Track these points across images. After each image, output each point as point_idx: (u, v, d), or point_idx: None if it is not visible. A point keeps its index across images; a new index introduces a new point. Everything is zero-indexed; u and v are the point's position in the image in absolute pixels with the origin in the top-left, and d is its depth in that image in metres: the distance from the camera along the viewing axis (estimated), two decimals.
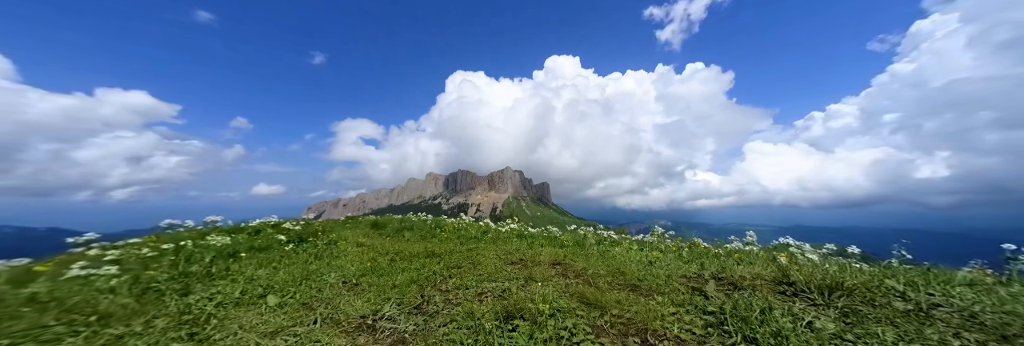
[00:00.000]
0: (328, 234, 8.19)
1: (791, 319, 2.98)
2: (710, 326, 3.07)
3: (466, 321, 3.19)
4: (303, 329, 3.21)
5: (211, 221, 8.38)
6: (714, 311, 3.27)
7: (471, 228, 9.10)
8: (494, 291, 3.99)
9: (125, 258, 5.06)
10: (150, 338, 2.97)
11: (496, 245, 6.93)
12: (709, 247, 7.09)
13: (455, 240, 7.73)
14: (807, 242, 6.28)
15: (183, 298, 3.84)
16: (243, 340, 2.99)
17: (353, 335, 3.18)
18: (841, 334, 2.81)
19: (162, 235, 7.23)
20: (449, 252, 6.02)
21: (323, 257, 5.94)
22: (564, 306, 3.34)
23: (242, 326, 3.23)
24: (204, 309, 3.58)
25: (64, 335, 2.99)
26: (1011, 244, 4.34)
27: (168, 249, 5.55)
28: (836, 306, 3.29)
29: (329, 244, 7.10)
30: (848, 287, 3.54)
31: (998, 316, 3.03)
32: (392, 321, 3.39)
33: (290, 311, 3.61)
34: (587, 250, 6.46)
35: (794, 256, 5.41)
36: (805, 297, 3.56)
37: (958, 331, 2.85)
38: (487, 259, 5.43)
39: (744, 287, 3.92)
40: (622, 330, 3.06)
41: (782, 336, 2.74)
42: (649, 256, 5.94)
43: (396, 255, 5.94)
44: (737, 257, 5.82)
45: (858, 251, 5.75)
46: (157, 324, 3.22)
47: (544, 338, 2.83)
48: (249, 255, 5.86)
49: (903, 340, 2.74)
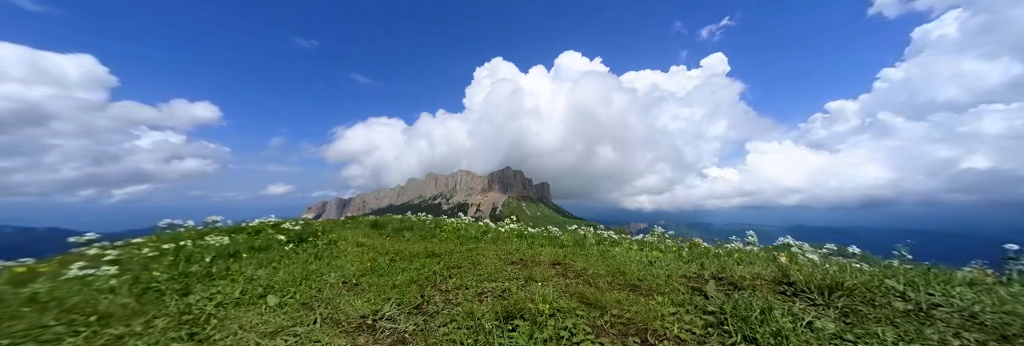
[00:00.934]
0: (328, 234, 8.20)
1: (791, 319, 2.98)
2: (710, 326, 3.07)
3: (466, 321, 3.19)
4: (303, 329, 3.21)
5: (211, 221, 8.39)
6: (714, 311, 3.27)
7: (471, 228, 9.10)
8: (494, 291, 3.99)
9: (125, 258, 5.07)
10: (150, 338, 2.97)
11: (496, 245, 6.93)
12: (709, 247, 7.08)
13: (455, 240, 7.73)
14: (807, 242, 6.28)
15: (183, 298, 3.84)
16: (243, 340, 2.99)
17: (353, 335, 3.18)
18: (841, 334, 2.81)
19: (162, 235, 7.25)
20: (449, 252, 6.02)
21: (323, 257, 5.94)
22: (564, 306, 3.34)
23: (242, 326, 3.24)
24: (204, 309, 3.58)
25: (64, 335, 2.99)
26: (1012, 244, 4.33)
27: (168, 249, 5.55)
28: (836, 306, 3.29)
29: (329, 244, 7.10)
30: (848, 287, 3.54)
31: (998, 316, 3.03)
32: (392, 321, 3.39)
33: (290, 311, 3.61)
34: (587, 250, 6.46)
35: (794, 256, 5.41)
36: (805, 297, 3.56)
37: (958, 331, 2.85)
38: (487, 259, 5.42)
39: (744, 287, 3.92)
40: (622, 330, 3.06)
41: (782, 336, 2.74)
42: (649, 256, 5.94)
43: (396, 255, 5.94)
44: (737, 257, 5.82)
45: (858, 251, 5.75)
46: (157, 324, 3.22)
47: (544, 338, 2.83)
48: (249, 255, 5.86)
49: (903, 340, 2.74)
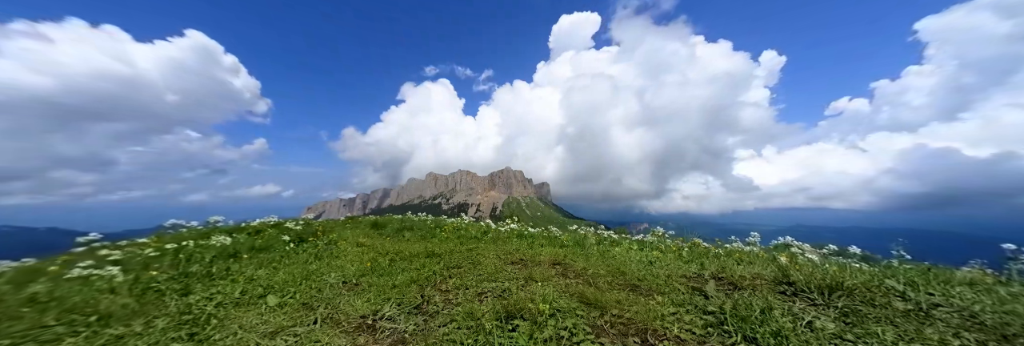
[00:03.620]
0: (328, 234, 8.20)
1: (791, 319, 2.98)
2: (710, 326, 3.07)
3: (466, 321, 3.20)
4: (303, 329, 3.22)
5: (213, 221, 8.40)
6: (714, 311, 3.27)
7: (471, 228, 9.10)
8: (494, 291, 3.99)
9: (126, 258, 5.07)
10: (150, 338, 2.97)
11: (496, 245, 6.93)
12: (709, 247, 7.08)
13: (455, 240, 7.72)
14: (807, 242, 6.28)
15: (183, 298, 3.84)
16: (243, 340, 3.00)
17: (353, 335, 3.18)
18: (841, 334, 2.81)
19: (164, 235, 7.26)
20: (449, 252, 6.02)
21: (323, 257, 5.94)
22: (564, 306, 3.34)
23: (242, 326, 3.24)
24: (204, 309, 3.58)
25: (64, 335, 3.00)
26: (1011, 244, 4.34)
27: (169, 249, 5.56)
28: (836, 306, 3.30)
29: (329, 244, 7.10)
30: (848, 287, 3.54)
31: (998, 316, 3.03)
32: (392, 321, 3.39)
33: (290, 311, 3.61)
34: (587, 250, 6.46)
35: (794, 256, 5.41)
36: (805, 297, 3.56)
37: (958, 331, 2.86)
38: (487, 259, 5.43)
39: (744, 287, 3.93)
40: (622, 330, 3.06)
41: (782, 336, 2.75)
42: (649, 256, 5.94)
43: (396, 255, 5.94)
44: (737, 257, 5.82)
45: (858, 251, 5.75)
46: (157, 324, 3.22)
47: (544, 338, 2.84)
48: (249, 255, 5.86)
49: (903, 340, 2.74)
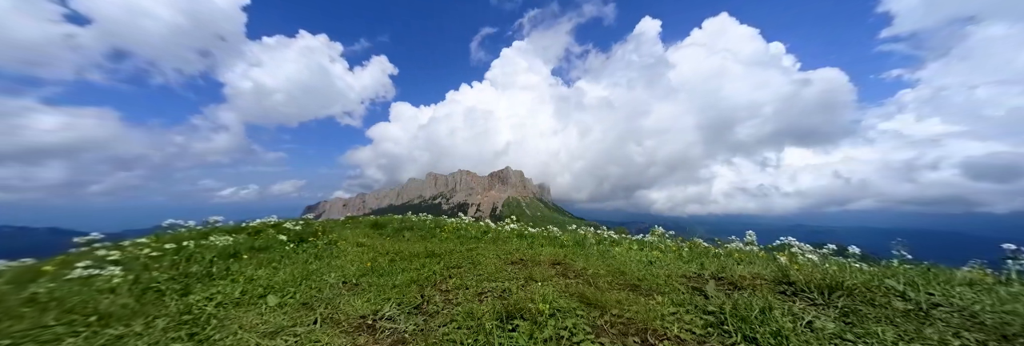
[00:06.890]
0: (328, 234, 8.20)
1: (791, 319, 2.98)
2: (710, 326, 3.07)
3: (466, 321, 3.20)
4: (303, 329, 3.22)
5: (213, 221, 8.41)
6: (714, 311, 3.27)
7: (471, 228, 9.10)
8: (494, 291, 3.99)
9: (126, 258, 5.07)
10: (150, 338, 2.97)
11: (496, 245, 6.93)
12: (709, 247, 7.09)
13: (455, 240, 7.73)
14: (807, 242, 6.28)
15: (183, 298, 3.84)
16: (243, 340, 3.00)
17: (353, 335, 3.18)
18: (841, 334, 2.81)
19: (163, 235, 7.26)
20: (449, 252, 6.02)
21: (323, 257, 5.94)
22: (564, 306, 3.34)
23: (242, 326, 3.24)
24: (204, 309, 3.58)
25: (64, 335, 3.00)
26: (1011, 244, 4.33)
27: (169, 249, 5.56)
28: (836, 306, 3.30)
29: (329, 244, 7.11)
30: (848, 287, 3.54)
31: (998, 316, 3.03)
32: (392, 321, 3.39)
33: (290, 311, 3.61)
34: (587, 250, 6.46)
35: (794, 256, 5.41)
36: (805, 297, 3.56)
37: (958, 331, 2.85)
38: (487, 259, 5.43)
39: (744, 287, 3.93)
40: (622, 330, 3.06)
41: (782, 336, 2.74)
42: (649, 256, 5.94)
43: (396, 255, 5.94)
44: (737, 257, 5.82)
45: (858, 251, 5.75)
46: (157, 324, 3.22)
47: (544, 338, 2.84)
48: (249, 255, 5.86)
49: (903, 340, 2.74)
